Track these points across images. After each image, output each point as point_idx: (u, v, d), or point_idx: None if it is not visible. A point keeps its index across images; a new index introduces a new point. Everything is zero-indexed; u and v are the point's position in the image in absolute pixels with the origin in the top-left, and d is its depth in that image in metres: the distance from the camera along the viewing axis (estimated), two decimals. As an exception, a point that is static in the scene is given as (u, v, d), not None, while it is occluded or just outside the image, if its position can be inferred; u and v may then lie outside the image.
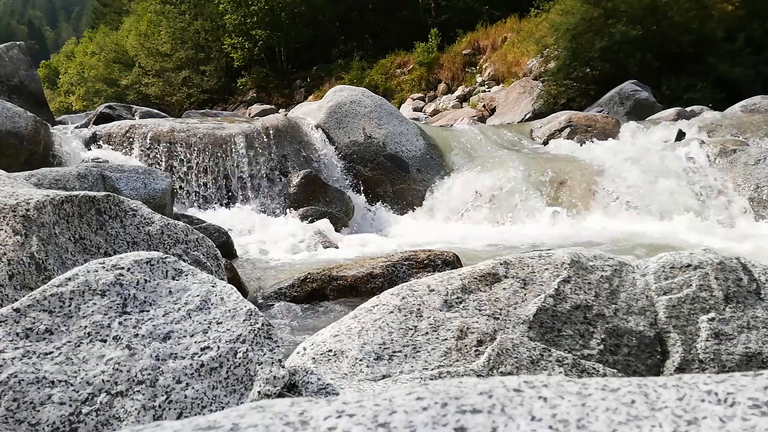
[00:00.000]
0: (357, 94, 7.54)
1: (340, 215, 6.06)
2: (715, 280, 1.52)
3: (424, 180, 6.95)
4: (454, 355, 1.40)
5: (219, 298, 1.29)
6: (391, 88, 20.74)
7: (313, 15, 23.66)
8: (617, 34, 11.68)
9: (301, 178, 6.31)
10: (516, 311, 1.48)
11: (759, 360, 1.44)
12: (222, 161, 6.37)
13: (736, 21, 11.75)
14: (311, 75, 24.36)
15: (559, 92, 12.90)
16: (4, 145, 5.17)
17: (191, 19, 26.44)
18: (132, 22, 31.46)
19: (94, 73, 32.81)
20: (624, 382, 0.60)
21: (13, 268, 1.69)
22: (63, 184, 3.82)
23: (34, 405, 1.06)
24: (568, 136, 7.85)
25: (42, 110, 7.15)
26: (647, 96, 10.15)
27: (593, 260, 1.59)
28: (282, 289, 3.31)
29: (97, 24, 43.84)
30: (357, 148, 7.01)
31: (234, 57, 24.47)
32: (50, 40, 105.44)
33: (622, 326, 1.47)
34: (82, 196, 1.95)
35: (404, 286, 1.60)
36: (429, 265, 3.33)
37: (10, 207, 1.81)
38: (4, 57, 7.25)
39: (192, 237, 2.15)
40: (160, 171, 4.80)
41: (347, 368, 1.40)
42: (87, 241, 1.91)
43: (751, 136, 6.73)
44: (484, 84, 17.72)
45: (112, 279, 1.26)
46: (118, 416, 1.08)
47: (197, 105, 25.16)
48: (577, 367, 1.40)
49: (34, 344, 1.14)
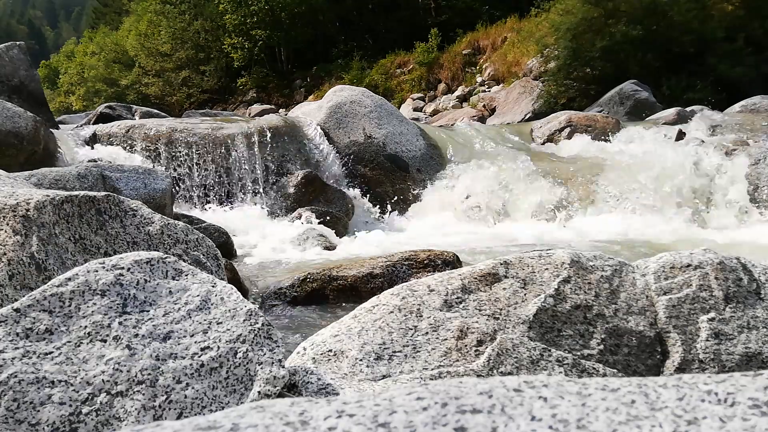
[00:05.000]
0: (357, 94, 7.54)
1: (340, 215, 6.06)
2: (715, 280, 1.52)
3: (424, 180, 6.95)
4: (454, 355, 1.40)
5: (219, 298, 1.29)
6: (391, 88, 20.74)
7: (313, 15, 23.66)
8: (618, 34, 11.67)
9: (301, 178, 6.31)
10: (516, 311, 1.48)
11: (759, 360, 1.44)
12: (222, 161, 6.37)
13: (736, 21, 11.74)
14: (311, 75, 24.35)
15: (559, 92, 12.89)
16: (4, 145, 5.17)
17: (191, 19, 26.44)
18: (132, 22, 31.45)
19: (94, 73, 32.80)
20: (624, 382, 0.60)
21: (13, 268, 1.69)
22: (63, 184, 3.82)
23: (34, 405, 1.06)
24: (568, 136, 7.85)
25: (42, 110, 7.15)
26: (647, 96, 10.14)
27: (593, 260, 1.59)
28: (282, 289, 3.31)
29: (97, 24, 43.84)
30: (357, 148, 7.00)
31: (234, 57, 24.47)
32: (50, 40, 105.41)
33: (622, 326, 1.47)
34: (82, 196, 1.95)
35: (404, 286, 1.60)
36: (429, 265, 3.33)
37: (10, 207, 1.81)
38: (4, 57, 7.25)
39: (192, 237, 2.15)
40: (160, 171, 4.79)
41: (347, 368, 1.40)
42: (87, 241, 1.91)
43: (751, 136, 6.73)
44: (484, 84, 17.71)
45: (112, 279, 1.26)
46: (118, 416, 1.08)
47: (197, 105, 25.16)
48: (577, 367, 1.40)
49: (34, 344, 1.14)
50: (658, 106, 9.88)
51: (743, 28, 11.48)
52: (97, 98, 30.42)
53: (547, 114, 9.73)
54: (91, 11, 52.91)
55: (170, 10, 26.91)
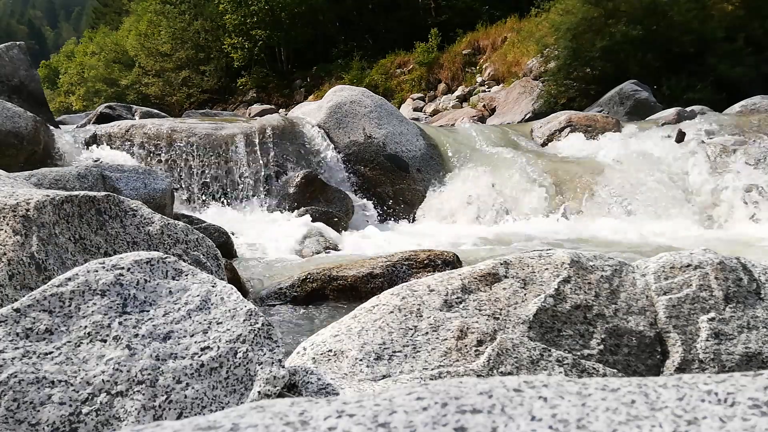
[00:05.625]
0: (357, 94, 7.54)
1: (340, 215, 6.06)
2: (715, 280, 1.52)
3: (424, 180, 6.95)
4: (454, 355, 1.40)
5: (219, 298, 1.29)
6: (391, 88, 20.74)
7: (313, 15, 23.65)
8: (618, 33, 11.67)
9: (301, 178, 6.31)
10: (516, 311, 1.48)
11: (759, 360, 1.44)
12: (222, 161, 6.37)
13: (736, 21, 11.74)
14: (311, 75, 24.35)
15: (560, 92, 12.89)
16: (4, 145, 5.17)
17: (191, 19, 26.44)
18: (132, 22, 31.44)
19: (94, 73, 32.79)
20: (624, 382, 0.60)
21: (13, 268, 1.69)
22: (63, 184, 3.82)
23: (34, 405, 1.06)
24: (568, 135, 7.85)
25: (42, 110, 7.15)
26: (647, 96, 10.14)
27: (593, 260, 1.59)
28: (282, 289, 3.31)
29: (97, 24, 43.83)
30: (357, 148, 7.00)
31: (234, 57, 24.46)
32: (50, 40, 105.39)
33: (622, 326, 1.47)
34: (82, 196, 1.95)
35: (404, 286, 1.60)
36: (429, 265, 3.33)
37: (10, 207, 1.81)
38: (4, 57, 7.25)
39: (192, 237, 2.15)
40: (160, 171, 4.80)
41: (347, 368, 1.40)
42: (87, 241, 1.91)
43: (751, 136, 6.73)
44: (484, 84, 17.71)
45: (112, 279, 1.26)
46: (118, 416, 1.08)
47: (197, 105, 25.16)
48: (577, 367, 1.40)
49: (34, 344, 1.14)
50: (658, 106, 9.88)
51: (743, 28, 11.48)
52: (97, 98, 30.42)
53: (547, 114, 9.73)
54: (91, 11, 52.90)
55: (170, 10, 26.91)
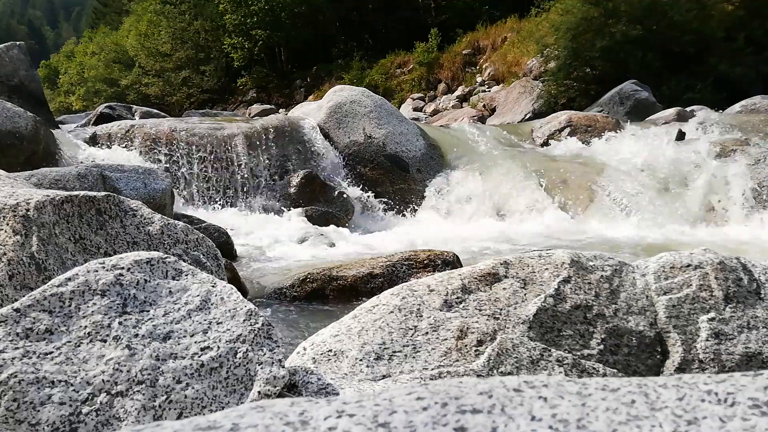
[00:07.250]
0: (357, 94, 7.54)
1: (340, 215, 6.06)
2: (715, 280, 1.52)
3: (424, 180, 6.95)
4: (454, 355, 1.40)
5: (219, 298, 1.29)
6: (391, 88, 20.73)
7: (313, 15, 23.65)
8: (618, 33, 11.67)
9: (301, 178, 6.31)
10: (516, 311, 1.48)
11: (759, 360, 1.44)
12: (222, 161, 6.37)
13: (736, 21, 11.74)
14: (311, 75, 24.34)
15: (560, 92, 12.89)
16: (4, 145, 5.17)
17: (191, 19, 26.44)
18: (132, 22, 31.44)
19: (94, 73, 32.79)
20: (624, 382, 0.60)
21: (13, 268, 1.69)
22: (63, 184, 3.82)
23: (34, 405, 1.06)
24: (568, 136, 7.85)
25: (42, 110, 7.15)
26: (647, 96, 10.14)
27: (593, 260, 1.58)
28: (282, 289, 3.31)
29: (97, 24, 43.84)
30: (357, 148, 7.00)
31: (234, 57, 24.46)
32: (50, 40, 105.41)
33: (622, 326, 1.47)
34: (82, 196, 1.95)
35: (404, 286, 1.60)
36: (429, 265, 3.33)
37: (10, 207, 1.81)
38: (4, 57, 7.25)
39: (192, 237, 2.15)
40: (160, 171, 4.80)
41: (347, 368, 1.40)
42: (87, 241, 1.91)
43: (751, 136, 6.73)
44: (484, 84, 17.70)
45: (112, 279, 1.26)
46: (118, 416, 1.08)
47: (197, 105, 25.16)
48: (577, 367, 1.40)
49: (34, 344, 1.14)
50: (658, 106, 9.87)
51: (743, 28, 11.48)
52: (97, 98, 30.41)
53: (547, 114, 9.72)
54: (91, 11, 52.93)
55: (170, 10, 26.91)
